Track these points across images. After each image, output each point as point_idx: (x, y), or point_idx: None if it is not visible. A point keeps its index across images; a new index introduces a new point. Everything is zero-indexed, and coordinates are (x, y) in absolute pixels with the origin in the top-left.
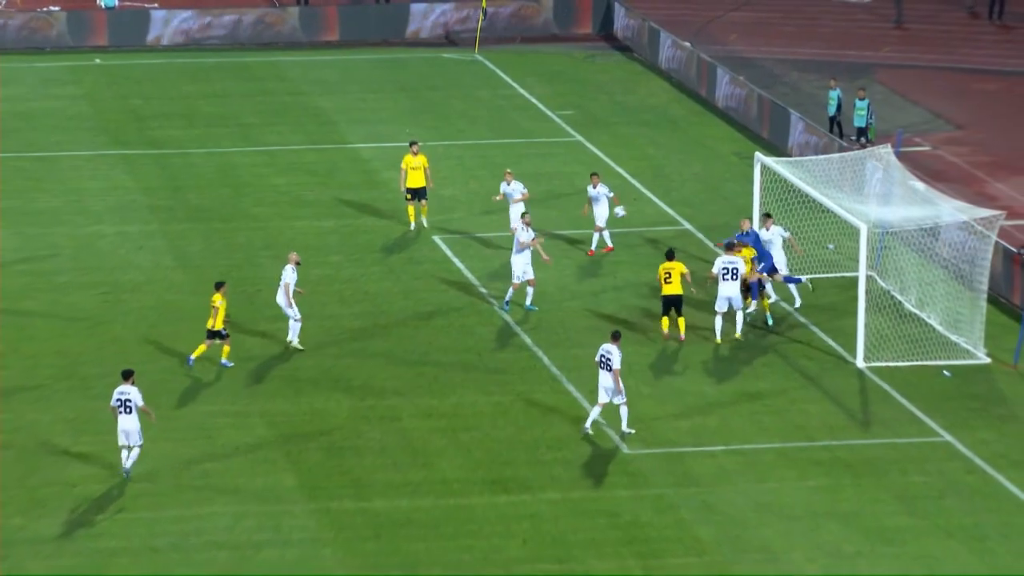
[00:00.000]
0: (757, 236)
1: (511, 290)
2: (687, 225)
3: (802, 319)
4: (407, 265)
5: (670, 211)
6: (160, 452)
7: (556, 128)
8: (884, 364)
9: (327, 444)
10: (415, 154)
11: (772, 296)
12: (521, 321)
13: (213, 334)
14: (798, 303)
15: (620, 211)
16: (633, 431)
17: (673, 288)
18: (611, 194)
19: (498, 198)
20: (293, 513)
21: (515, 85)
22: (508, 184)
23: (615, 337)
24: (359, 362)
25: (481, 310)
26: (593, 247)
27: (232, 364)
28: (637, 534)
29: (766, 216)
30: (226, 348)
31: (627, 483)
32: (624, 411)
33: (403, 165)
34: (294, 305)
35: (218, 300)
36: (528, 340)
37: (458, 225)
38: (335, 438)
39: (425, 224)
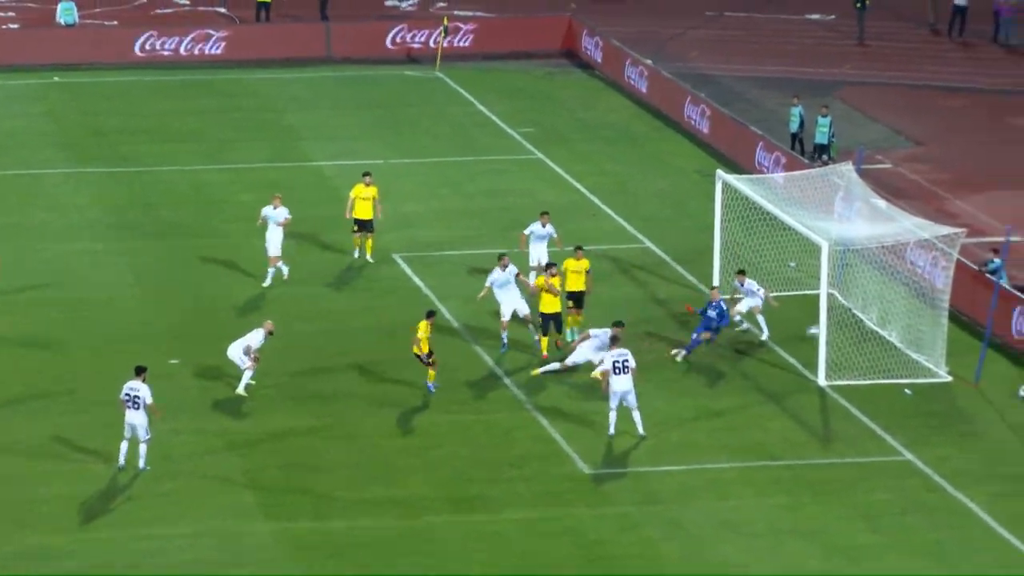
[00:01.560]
0: (723, 310)
1: (503, 332)
2: (648, 243)
3: (765, 337)
4: (368, 283)
5: (630, 228)
6: (118, 471)
7: (516, 145)
8: (845, 382)
9: (287, 462)
10: (367, 185)
11: (740, 321)
12: (482, 341)
13: (423, 359)
14: (765, 335)
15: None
16: (645, 436)
17: (553, 305)
18: (555, 235)
19: (259, 223)
20: (252, 533)
21: (475, 102)
22: (275, 208)
23: (616, 340)
24: (320, 380)
25: (441, 329)
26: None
27: (438, 386)
28: (600, 552)
29: (740, 273)
30: (431, 372)
31: (590, 502)
32: (638, 415)
33: (352, 194)
34: (247, 360)
35: (423, 328)
36: (489, 360)
37: (419, 243)
38: (295, 456)
39: (370, 259)
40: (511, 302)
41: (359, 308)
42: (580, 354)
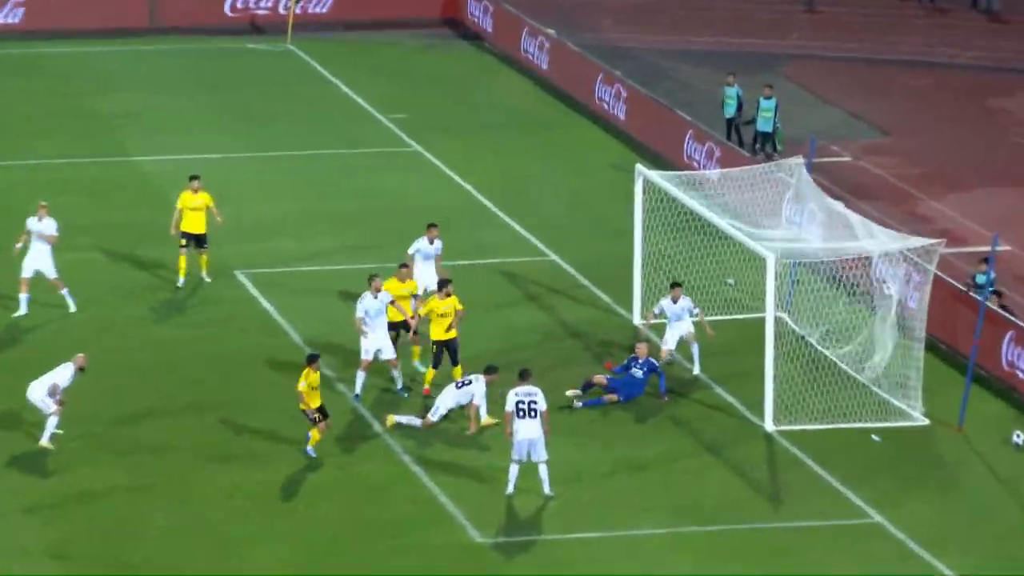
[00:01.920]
0: (653, 366)
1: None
2: (552, 255)
3: (696, 371)
4: (202, 305)
5: (530, 237)
6: None
7: (388, 135)
8: (798, 427)
9: (100, 530)
10: (196, 191)
11: (669, 349)
12: (341, 378)
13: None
14: (697, 369)
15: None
16: (553, 495)
17: (448, 332)
18: (440, 252)
19: (18, 245)
20: None
21: (336, 81)
22: (40, 219)
23: (526, 375)
24: (142, 427)
25: (294, 361)
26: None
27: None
28: None
29: (675, 286)
30: (315, 434)
31: None
32: (545, 469)
33: (179, 204)
34: (51, 403)
35: (307, 378)
36: (354, 402)
37: (267, 256)
38: (110, 523)
39: (206, 278)
40: (377, 339)
41: (191, 337)
42: (443, 401)
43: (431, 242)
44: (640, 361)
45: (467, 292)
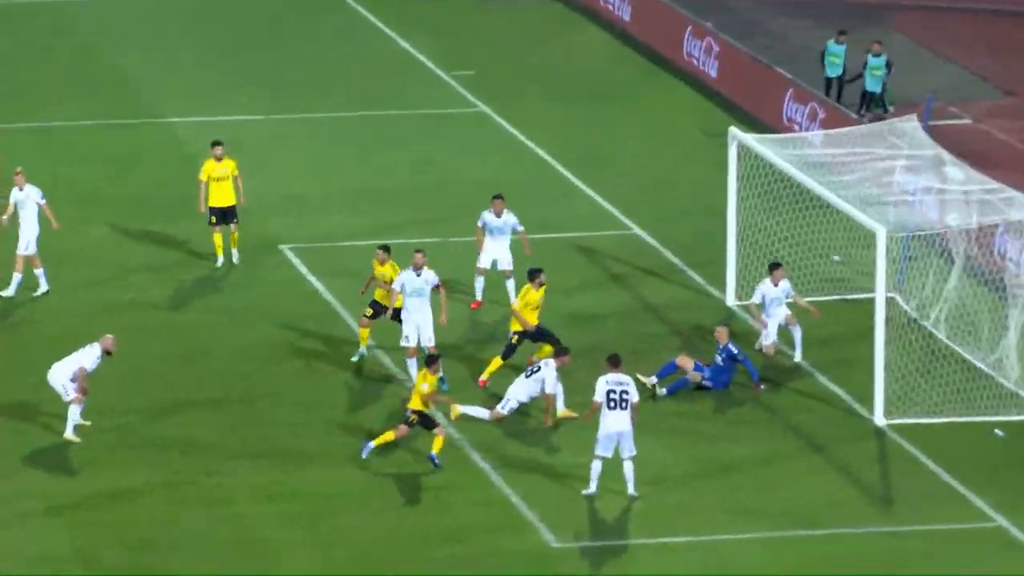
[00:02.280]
0: (732, 354)
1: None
2: (635, 229)
3: (798, 358)
4: (242, 285)
5: (610, 209)
6: None
7: (451, 94)
8: (912, 420)
9: (132, 539)
10: (219, 158)
11: (773, 342)
12: (400, 363)
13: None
14: (799, 355)
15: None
16: (638, 496)
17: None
18: (520, 227)
19: (7, 214)
20: None
21: (392, 35)
22: (20, 189)
23: (617, 362)
24: (174, 422)
25: (344, 348)
26: (479, 296)
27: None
28: None
29: (775, 266)
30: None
31: None
32: (631, 467)
33: (202, 175)
34: (71, 389)
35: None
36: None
37: (313, 230)
38: (143, 530)
39: (236, 258)
40: (417, 321)
41: (230, 322)
42: (515, 392)
43: (498, 215)
44: (720, 347)
45: (544, 266)
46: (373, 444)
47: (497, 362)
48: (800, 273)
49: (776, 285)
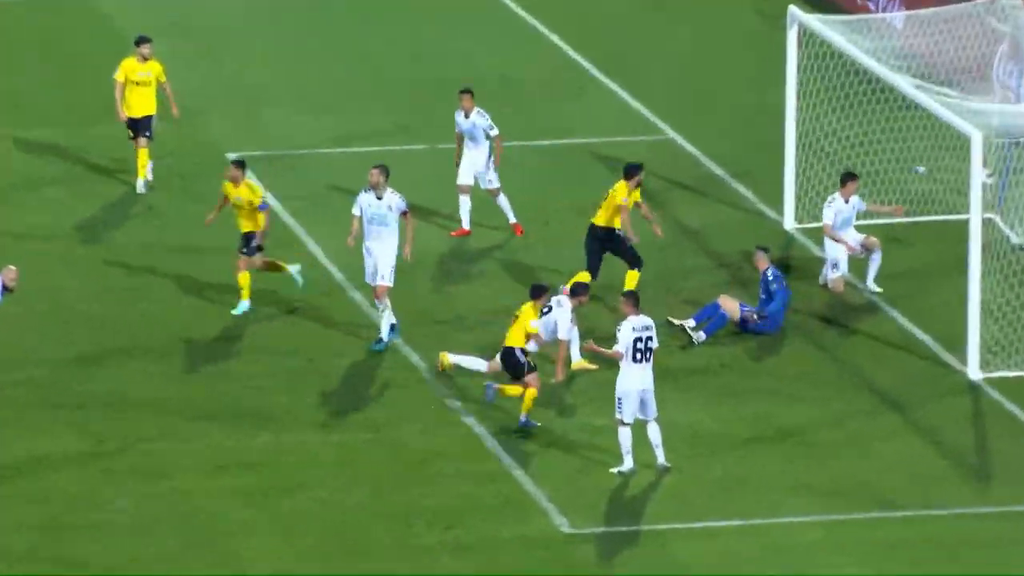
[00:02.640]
0: (767, 280)
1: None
2: (671, 133)
3: (873, 296)
4: (181, 203)
5: (641, 109)
6: None
7: None
8: (1014, 373)
9: (46, 520)
10: (143, 59)
11: (840, 269)
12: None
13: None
14: (872, 286)
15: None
16: (669, 467)
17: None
18: (494, 132)
19: None
20: None
21: None
22: None
23: (636, 301)
24: (99, 375)
25: (309, 283)
26: (466, 223)
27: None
28: None
29: (849, 177)
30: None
31: None
32: (657, 431)
33: (119, 75)
34: None
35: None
36: (408, 351)
37: (269, 134)
38: (59, 509)
39: (142, 186)
40: (375, 254)
41: (167, 251)
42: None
43: (466, 116)
44: (763, 274)
45: (555, 182)
46: (497, 387)
47: (634, 275)
48: (874, 189)
49: (847, 202)
